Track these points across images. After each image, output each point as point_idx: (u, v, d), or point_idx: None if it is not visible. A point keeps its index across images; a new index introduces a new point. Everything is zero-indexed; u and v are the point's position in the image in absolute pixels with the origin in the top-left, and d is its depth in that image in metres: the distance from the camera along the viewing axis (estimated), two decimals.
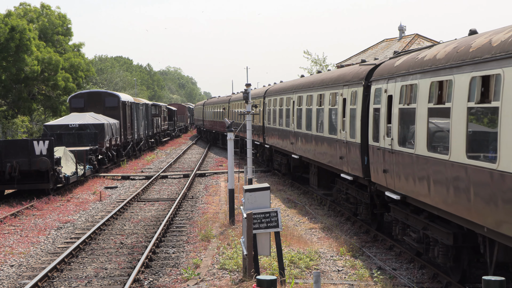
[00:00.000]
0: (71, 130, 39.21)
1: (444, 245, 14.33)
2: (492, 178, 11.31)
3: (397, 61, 17.30)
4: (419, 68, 15.03)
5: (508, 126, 10.56)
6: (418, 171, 14.92)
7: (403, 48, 45.66)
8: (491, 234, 11.71)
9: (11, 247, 19.99)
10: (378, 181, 18.17)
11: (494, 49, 11.40)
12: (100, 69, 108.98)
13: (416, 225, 15.94)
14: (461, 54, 12.85)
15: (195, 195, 31.09)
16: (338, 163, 22.24)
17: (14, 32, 58.60)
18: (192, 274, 15.76)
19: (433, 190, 14.01)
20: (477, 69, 11.91)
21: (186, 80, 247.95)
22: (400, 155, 16.12)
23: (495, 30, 12.54)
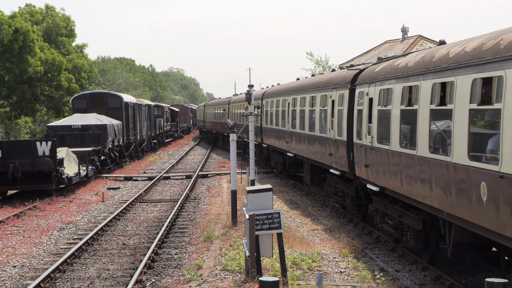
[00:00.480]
0: (74, 131, 39.24)
1: (415, 230, 16.14)
2: (448, 169, 13.19)
3: (378, 67, 19.23)
4: (394, 74, 16.98)
5: (459, 127, 12.52)
6: (393, 166, 16.79)
7: (406, 50, 45.67)
8: (449, 218, 13.67)
9: (14, 248, 20.01)
10: (361, 175, 20.03)
11: (450, 60, 13.38)
12: (103, 70, 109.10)
13: (393, 214, 17.80)
14: (426, 63, 14.83)
15: (197, 196, 31.10)
16: (327, 160, 24.09)
17: (18, 34, 58.69)
18: (194, 275, 15.76)
19: (405, 181, 15.94)
20: (438, 77, 13.86)
21: (189, 81, 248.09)
22: (378, 151, 18.04)
23: (456, 42, 14.48)
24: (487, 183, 11.48)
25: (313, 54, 79.87)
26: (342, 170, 22.35)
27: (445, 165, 13.26)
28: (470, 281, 15.25)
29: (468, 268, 16.23)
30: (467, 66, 12.44)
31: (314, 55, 75.43)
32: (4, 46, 58.49)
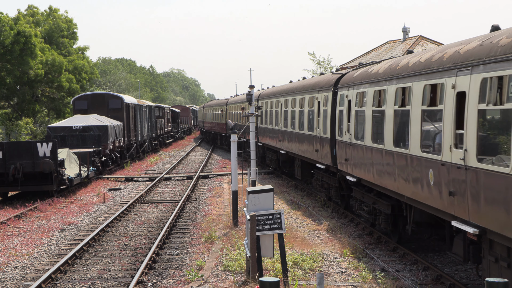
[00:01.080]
0: (75, 132, 39.25)
1: (385, 214, 18.59)
2: (406, 160, 15.84)
3: (356, 72, 21.76)
4: (368, 79, 19.47)
5: (414, 125, 15.26)
6: (367, 159, 19.36)
7: (406, 50, 45.55)
8: (409, 201, 16.20)
9: (15, 249, 20.01)
10: (342, 169, 22.63)
11: (409, 68, 15.95)
12: (103, 71, 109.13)
13: (368, 201, 20.19)
14: (392, 70, 17.34)
15: (198, 197, 31.10)
16: (315, 155, 26.66)
17: (20, 36, 58.73)
18: (195, 276, 15.76)
19: (376, 172, 18.43)
20: (400, 83, 16.46)
21: (190, 82, 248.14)
22: (355, 147, 20.64)
23: (417, 52, 17.22)
24: (433, 170, 14.05)
25: (316, 54, 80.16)
26: (327, 165, 24.89)
27: (405, 156, 15.92)
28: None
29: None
30: (420, 74, 15.02)
31: (316, 55, 75.52)
32: (5, 48, 58.52)
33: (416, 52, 18.34)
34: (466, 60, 12.69)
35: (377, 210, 19.39)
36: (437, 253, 17.78)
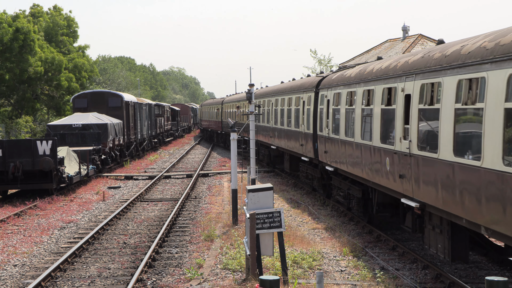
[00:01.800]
0: (75, 130, 39.25)
1: (357, 198, 21.73)
2: (370, 150, 18.85)
3: (334, 76, 25.17)
4: (342, 82, 22.84)
5: (376, 121, 18.24)
6: (341, 150, 22.54)
7: (407, 49, 45.78)
8: (373, 185, 19.23)
9: (15, 247, 20.02)
10: (323, 160, 25.75)
11: (373, 74, 19.19)
12: (103, 69, 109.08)
13: (343, 188, 23.43)
14: (361, 75, 20.52)
15: (198, 195, 31.10)
16: (300, 149, 29.61)
17: (18, 33, 58.68)
18: (195, 274, 15.77)
19: (348, 162, 21.65)
20: (366, 86, 19.58)
21: (190, 80, 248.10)
22: (333, 140, 23.82)
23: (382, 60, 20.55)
24: (389, 158, 17.21)
25: (317, 52, 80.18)
26: (310, 157, 27.99)
27: (369, 147, 19.03)
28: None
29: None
30: (380, 79, 18.18)
31: (317, 53, 75.56)
32: (4, 45, 58.47)
33: (383, 59, 21.65)
34: (412, 69, 15.89)
35: (350, 195, 22.79)
36: None
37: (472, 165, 12.38)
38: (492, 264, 16.32)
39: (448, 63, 13.62)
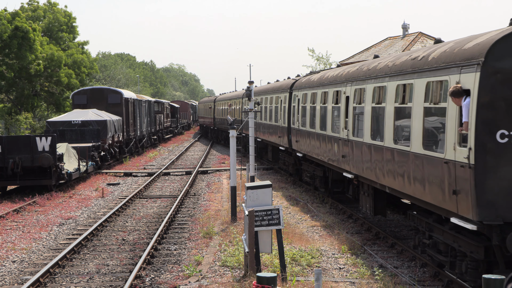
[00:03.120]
0: (74, 126, 39.23)
1: (320, 176, 26.92)
2: (325, 139, 24.15)
3: (303, 79, 30.44)
4: (308, 85, 28.21)
5: (329, 116, 23.55)
6: (308, 139, 27.58)
7: (406, 47, 45.79)
8: (328, 165, 24.41)
9: (13, 243, 20.03)
10: (295, 148, 30.81)
11: (327, 80, 24.51)
12: (103, 65, 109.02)
13: (309, 170, 28.97)
14: (320, 80, 26.05)
15: (197, 192, 31.12)
16: (278, 140, 34.97)
17: (18, 31, 58.64)
18: (193, 271, 15.78)
19: (312, 148, 26.71)
20: (323, 89, 24.93)
21: (189, 77, 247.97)
22: (301, 132, 29.01)
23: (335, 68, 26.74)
24: (337, 143, 22.43)
25: (315, 50, 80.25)
26: (286, 146, 33.22)
27: (325, 136, 24.26)
28: None
29: None
30: (332, 84, 23.63)
31: (316, 51, 75.77)
32: (3, 42, 58.43)
33: (336, 68, 27.57)
34: (350, 77, 21.11)
35: (315, 175, 27.98)
36: None
37: (379, 145, 17.78)
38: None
39: (368, 75, 19.21)
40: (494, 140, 11.98)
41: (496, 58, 11.93)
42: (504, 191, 11.96)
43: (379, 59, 20.08)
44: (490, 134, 12.00)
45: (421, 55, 15.48)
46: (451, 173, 13.05)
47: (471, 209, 12.20)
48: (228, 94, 68.21)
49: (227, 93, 71.41)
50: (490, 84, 11.98)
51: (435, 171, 13.86)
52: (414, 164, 15.05)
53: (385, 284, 14.42)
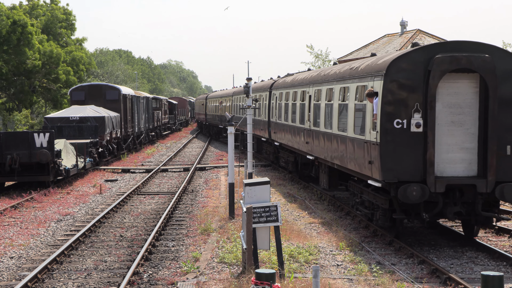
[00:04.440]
0: (72, 122, 39.18)
1: (292, 162, 32.89)
2: (294, 129, 29.38)
3: (280, 80, 36.15)
4: (283, 85, 34.01)
5: (298, 111, 28.59)
6: (283, 131, 32.79)
7: (405, 44, 45.80)
8: (297, 151, 29.62)
9: (11, 239, 20.02)
10: (273, 138, 36.00)
11: (297, 81, 29.71)
12: (101, 62, 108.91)
13: (285, 156, 34.60)
14: (292, 82, 31.45)
15: (195, 188, 31.11)
16: (261, 133, 39.92)
17: (16, 26, 58.56)
18: (191, 268, 15.79)
19: (286, 138, 32.03)
20: (293, 89, 30.39)
21: (187, 73, 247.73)
22: (278, 124, 34.27)
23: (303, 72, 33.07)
24: (303, 133, 27.66)
25: (314, 47, 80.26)
26: (266, 138, 38.33)
27: (294, 127, 29.80)
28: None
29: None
30: (300, 85, 29.01)
31: (314, 48, 75.84)
32: (1, 37, 58.35)
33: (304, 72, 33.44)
34: (311, 80, 27.17)
35: (288, 161, 33.63)
36: (432, 247, 18.40)
37: (329, 132, 23.33)
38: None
39: (323, 80, 24.91)
40: (392, 126, 17.34)
41: (393, 72, 17.46)
42: (398, 160, 17.33)
43: (331, 67, 26.12)
44: (389, 122, 17.35)
45: (355, 66, 21.20)
46: (368, 149, 18.60)
47: (379, 173, 17.64)
48: (219, 92, 73.69)
49: (218, 91, 76.75)
50: (390, 88, 17.44)
51: (360, 149, 19.42)
52: (349, 145, 20.62)
53: (383, 281, 14.45)
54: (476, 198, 17.41)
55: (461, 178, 17.44)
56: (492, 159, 17.20)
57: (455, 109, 17.57)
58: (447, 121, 17.55)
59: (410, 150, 17.27)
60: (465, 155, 17.55)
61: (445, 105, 17.51)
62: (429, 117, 17.14)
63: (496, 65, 17.31)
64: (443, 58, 17.16)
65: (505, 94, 17.45)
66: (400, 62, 17.55)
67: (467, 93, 17.62)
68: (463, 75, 17.53)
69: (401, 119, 17.30)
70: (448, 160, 17.54)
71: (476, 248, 18.00)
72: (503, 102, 17.39)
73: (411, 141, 17.26)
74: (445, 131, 17.54)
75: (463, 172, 17.55)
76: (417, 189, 16.84)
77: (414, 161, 17.27)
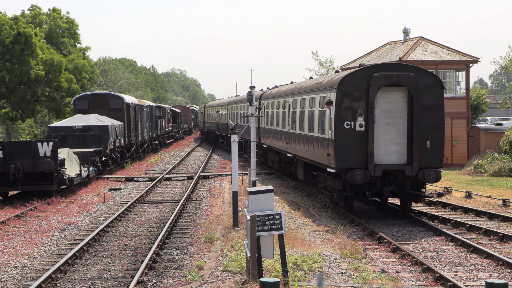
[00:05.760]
0: (75, 131, 39.24)
1: (277, 160, 38.27)
2: (278, 133, 35.25)
3: (268, 92, 41.45)
4: (269, 96, 39.37)
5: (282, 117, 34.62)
6: (270, 134, 38.07)
7: (407, 51, 45.74)
8: (281, 151, 35.16)
9: (15, 249, 20.01)
10: (263, 142, 41.06)
11: (280, 93, 35.95)
12: (104, 70, 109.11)
13: (272, 157, 39.89)
14: (276, 93, 37.36)
15: (198, 197, 31.10)
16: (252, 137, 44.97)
17: (20, 36, 58.70)
18: (195, 276, 15.76)
19: (272, 140, 37.40)
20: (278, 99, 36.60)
21: (190, 82, 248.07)
22: (266, 129, 39.40)
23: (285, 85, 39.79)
24: (284, 136, 33.36)
25: (319, 54, 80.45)
26: (257, 141, 40.89)
27: (278, 131, 34.77)
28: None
29: None
30: (282, 96, 34.81)
31: (319, 55, 76.02)
32: (5, 47, 58.50)
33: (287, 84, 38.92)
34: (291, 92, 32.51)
35: (274, 160, 39.22)
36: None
37: (302, 133, 28.90)
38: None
39: (298, 92, 30.99)
40: (343, 127, 23.24)
41: (342, 86, 23.43)
42: (347, 152, 23.23)
43: (306, 81, 32.65)
44: (341, 123, 23.24)
45: (320, 81, 27.55)
46: (327, 145, 24.64)
47: (334, 162, 23.61)
48: (216, 101, 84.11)
49: (216, 101, 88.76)
50: (340, 98, 23.32)
51: (322, 145, 25.51)
52: (315, 142, 26.62)
53: None
54: (406, 180, 23.28)
55: (394, 165, 23.27)
56: (416, 151, 23.03)
57: (390, 114, 23.31)
58: (383, 122, 23.28)
59: (356, 145, 23.08)
60: (397, 148, 23.40)
61: (382, 110, 23.25)
62: (370, 120, 22.95)
63: (418, 80, 23.00)
64: (379, 75, 22.83)
65: (425, 102, 23.20)
66: (348, 79, 23.36)
67: (398, 102, 23.36)
68: (395, 88, 23.27)
69: (349, 121, 23.19)
70: (385, 152, 23.37)
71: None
72: (424, 108, 23.15)
73: (356, 138, 23.08)
74: (382, 130, 23.28)
75: (395, 161, 23.40)
76: (361, 173, 22.62)
77: (359, 152, 23.08)
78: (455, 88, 46.69)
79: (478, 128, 44.61)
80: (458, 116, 45.61)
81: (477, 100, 53.28)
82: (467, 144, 45.29)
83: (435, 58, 45.65)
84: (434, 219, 23.73)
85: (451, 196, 29.39)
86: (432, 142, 23.32)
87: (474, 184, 33.85)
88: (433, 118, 23.37)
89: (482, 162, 39.12)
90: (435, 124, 23.43)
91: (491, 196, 28.80)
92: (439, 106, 23.47)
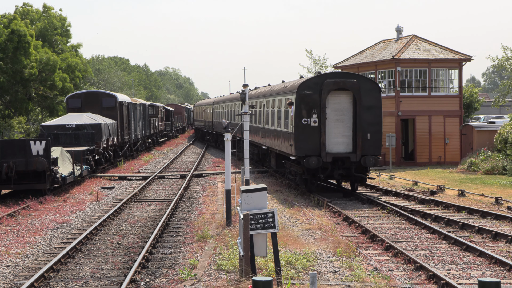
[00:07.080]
0: (68, 130, 39.15)
1: (256, 153, 43.80)
2: (257, 129, 40.26)
3: (252, 92, 44.30)
4: (251, 96, 42.46)
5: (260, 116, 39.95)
6: (251, 130, 36.40)
7: (400, 49, 45.80)
8: (259, 144, 40.64)
9: (7, 247, 19.96)
10: (250, 138, 39.47)
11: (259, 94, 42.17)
12: (97, 69, 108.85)
13: (252, 149, 42.47)
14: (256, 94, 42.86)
15: (192, 195, 31.08)
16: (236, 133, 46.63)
17: (14, 35, 58.49)
18: (188, 275, 15.75)
19: (253, 136, 40.52)
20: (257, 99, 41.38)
21: (184, 80, 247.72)
22: (254, 127, 40.66)
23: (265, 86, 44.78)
24: (261, 130, 38.92)
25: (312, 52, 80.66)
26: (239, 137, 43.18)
27: (257, 127, 40.01)
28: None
29: None
30: (260, 97, 40.43)
31: (313, 53, 76.14)
32: None
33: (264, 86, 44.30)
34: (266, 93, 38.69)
35: (254, 152, 43.14)
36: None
37: (273, 128, 34.54)
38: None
39: (270, 93, 36.45)
40: (301, 123, 29.05)
41: (300, 90, 29.23)
42: (304, 142, 28.92)
43: (278, 85, 37.60)
44: (299, 120, 29.03)
45: (286, 86, 33.07)
46: (289, 138, 30.27)
47: (295, 151, 29.28)
48: (204, 101, 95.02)
49: (203, 100, 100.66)
50: (299, 100, 29.17)
51: (286, 138, 31.11)
52: (282, 136, 32.13)
53: (380, 287, 14.42)
54: (351, 165, 29.04)
55: (342, 153, 29.15)
56: (359, 141, 28.88)
57: (339, 112, 29.31)
58: (334, 119, 29.24)
59: (311, 137, 28.94)
60: (344, 139, 29.33)
61: (332, 109, 29.22)
62: (322, 117, 28.96)
63: (360, 85, 28.91)
64: (329, 82, 28.97)
65: (366, 103, 29.05)
66: (305, 84, 29.37)
67: (345, 103, 29.40)
68: (342, 92, 29.30)
69: (306, 118, 29.13)
70: (334, 143, 29.24)
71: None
72: (365, 108, 29.01)
73: (312, 132, 28.96)
74: (333, 125, 29.21)
75: (343, 149, 29.33)
76: (315, 160, 28.55)
77: (314, 143, 28.93)
78: (448, 86, 46.79)
79: (471, 126, 44.72)
80: (451, 114, 45.71)
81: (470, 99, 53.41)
82: (460, 142, 45.41)
83: (428, 56, 45.74)
84: (427, 217, 23.79)
85: (444, 195, 29.53)
86: (372, 135, 28.98)
87: (467, 182, 33.94)
88: (372, 115, 29.02)
89: (475, 160, 39.22)
90: (374, 121, 29.08)
91: (484, 194, 28.90)
92: (377, 106, 29.19)
